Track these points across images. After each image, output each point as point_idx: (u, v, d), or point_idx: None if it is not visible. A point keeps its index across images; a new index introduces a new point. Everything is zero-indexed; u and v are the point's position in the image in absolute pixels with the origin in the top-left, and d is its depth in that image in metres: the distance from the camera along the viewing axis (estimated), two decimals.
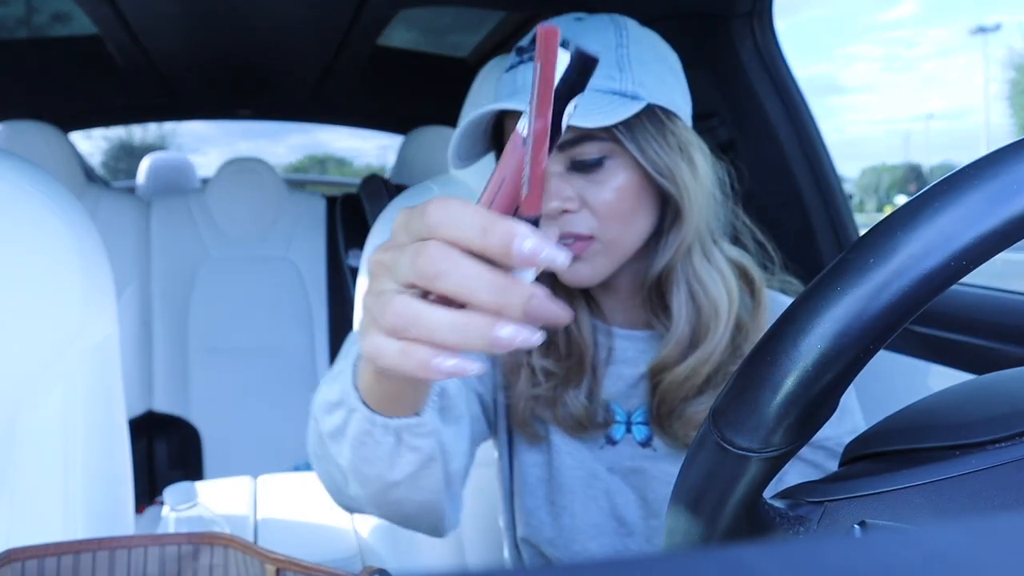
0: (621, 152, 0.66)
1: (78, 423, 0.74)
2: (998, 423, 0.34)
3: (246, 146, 13.41)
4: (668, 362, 0.70)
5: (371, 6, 1.66)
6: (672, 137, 0.67)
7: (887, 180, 36.80)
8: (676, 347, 0.69)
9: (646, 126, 0.66)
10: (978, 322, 0.96)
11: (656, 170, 0.66)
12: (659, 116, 0.66)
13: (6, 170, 0.73)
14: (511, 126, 0.68)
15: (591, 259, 0.68)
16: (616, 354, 0.76)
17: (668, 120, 0.67)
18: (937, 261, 0.28)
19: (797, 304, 0.31)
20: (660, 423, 0.73)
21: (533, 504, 0.78)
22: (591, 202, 0.66)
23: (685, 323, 0.69)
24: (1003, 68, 30.23)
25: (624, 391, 0.76)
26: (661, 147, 0.66)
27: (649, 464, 0.75)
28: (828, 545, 0.17)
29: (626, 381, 0.76)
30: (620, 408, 0.76)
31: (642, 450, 0.75)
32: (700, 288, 0.70)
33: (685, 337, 0.69)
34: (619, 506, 0.76)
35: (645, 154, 0.65)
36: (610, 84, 0.65)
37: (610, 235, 0.67)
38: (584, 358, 0.74)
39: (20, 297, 0.72)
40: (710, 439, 0.34)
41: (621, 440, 0.76)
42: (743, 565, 0.16)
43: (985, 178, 0.29)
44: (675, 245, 0.69)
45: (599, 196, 0.66)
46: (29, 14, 1.97)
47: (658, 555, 0.17)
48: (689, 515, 0.36)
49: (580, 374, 0.74)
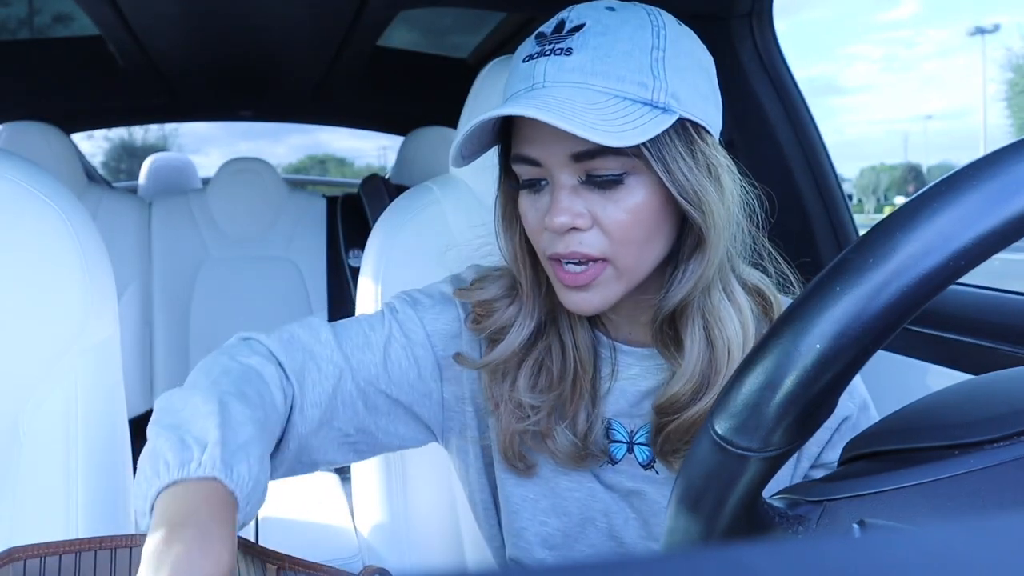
0: (644, 169, 0.59)
1: (79, 422, 0.74)
2: (997, 423, 0.34)
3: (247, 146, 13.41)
4: (676, 402, 0.64)
5: (371, 7, 1.66)
6: (701, 156, 0.60)
7: (886, 180, 36.75)
8: (686, 386, 0.64)
9: (674, 142, 0.59)
10: (977, 322, 0.97)
11: (682, 193, 0.59)
12: (689, 131, 0.60)
13: (8, 170, 0.73)
14: (521, 121, 0.61)
15: (602, 287, 0.62)
16: (620, 370, 0.70)
17: (698, 136, 0.60)
18: (936, 261, 0.28)
19: (796, 304, 0.32)
20: (663, 456, 0.68)
21: (520, 524, 0.73)
22: (603, 221, 0.60)
23: (697, 361, 0.63)
24: (1001, 69, 30.25)
25: (626, 409, 0.70)
26: (689, 167, 0.59)
27: (650, 487, 0.70)
28: (827, 545, 0.18)
29: (628, 399, 0.70)
30: (622, 427, 0.71)
31: (644, 472, 0.70)
32: (716, 325, 0.64)
33: (696, 375, 0.64)
34: (617, 527, 0.71)
35: (671, 174, 0.58)
36: (641, 93, 0.58)
37: (624, 259, 0.61)
38: (582, 378, 0.68)
39: (22, 297, 0.73)
40: (710, 438, 0.34)
41: (622, 460, 0.70)
42: (743, 564, 0.16)
43: (984, 179, 0.29)
44: (695, 277, 0.62)
45: (614, 216, 0.59)
46: (31, 15, 1.98)
47: (658, 555, 0.17)
48: (689, 514, 0.36)
49: (577, 397, 0.68)
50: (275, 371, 0.64)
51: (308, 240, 2.32)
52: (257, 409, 0.59)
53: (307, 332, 0.69)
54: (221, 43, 2.05)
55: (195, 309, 2.22)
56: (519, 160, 0.63)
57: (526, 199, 0.64)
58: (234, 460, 0.52)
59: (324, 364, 0.67)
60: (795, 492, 0.39)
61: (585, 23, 0.59)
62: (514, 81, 0.62)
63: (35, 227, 0.73)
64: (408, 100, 2.60)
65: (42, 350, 0.73)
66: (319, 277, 2.31)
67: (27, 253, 0.73)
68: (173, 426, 0.54)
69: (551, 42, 0.60)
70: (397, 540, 0.94)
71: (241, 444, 0.54)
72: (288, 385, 0.65)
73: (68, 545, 0.59)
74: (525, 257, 0.68)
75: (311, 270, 2.31)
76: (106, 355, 0.77)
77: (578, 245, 0.60)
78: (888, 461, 0.37)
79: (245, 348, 0.66)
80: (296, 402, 0.65)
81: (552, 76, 0.59)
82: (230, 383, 0.60)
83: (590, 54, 0.58)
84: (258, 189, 2.28)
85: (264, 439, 0.57)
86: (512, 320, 0.69)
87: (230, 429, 0.54)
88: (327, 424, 0.67)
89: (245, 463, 0.53)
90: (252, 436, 0.55)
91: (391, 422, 0.71)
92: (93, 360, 0.76)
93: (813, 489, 0.38)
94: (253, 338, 0.68)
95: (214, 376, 0.60)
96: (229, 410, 0.56)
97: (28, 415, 0.73)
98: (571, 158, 0.59)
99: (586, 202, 0.60)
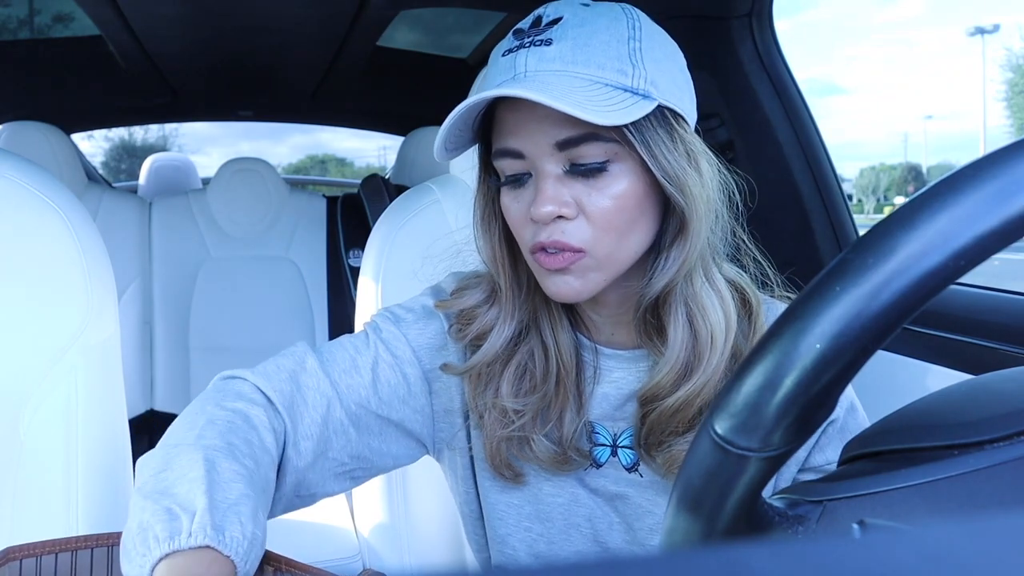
0: (627, 156, 0.60)
1: (80, 422, 0.74)
2: (996, 423, 0.34)
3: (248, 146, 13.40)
4: (660, 391, 0.65)
5: (371, 7, 1.66)
6: (680, 142, 0.61)
7: (886, 181, 36.76)
8: (669, 374, 0.64)
9: (655, 128, 0.60)
10: (977, 322, 0.96)
11: (665, 176, 0.60)
12: (668, 119, 0.61)
13: (8, 170, 0.73)
14: (504, 114, 0.62)
15: (582, 273, 0.62)
16: (602, 374, 0.70)
17: (677, 124, 0.61)
18: (936, 261, 0.28)
19: (796, 304, 0.32)
20: (647, 451, 0.68)
21: (505, 531, 0.73)
22: (588, 209, 0.61)
23: (681, 349, 0.64)
24: (1001, 69, 30.25)
25: (609, 412, 0.70)
26: (670, 151, 0.60)
27: (634, 491, 0.70)
28: (827, 545, 0.18)
29: (611, 402, 0.70)
30: (605, 430, 0.70)
31: (627, 475, 0.70)
32: (699, 312, 0.64)
33: (680, 364, 0.64)
34: (601, 532, 0.71)
35: (655, 158, 0.59)
36: (621, 80, 0.59)
37: (604, 249, 0.61)
38: (565, 380, 0.68)
39: (22, 297, 0.73)
40: (709, 439, 0.34)
41: (606, 463, 0.70)
42: (742, 564, 0.16)
43: (984, 179, 0.29)
44: (678, 263, 0.62)
45: (598, 203, 0.60)
46: (31, 15, 1.98)
47: (658, 555, 0.17)
48: (688, 514, 0.36)
49: (561, 399, 0.68)
50: (262, 411, 0.63)
51: (308, 240, 2.33)
52: (246, 459, 0.58)
53: (292, 362, 0.69)
54: (221, 43, 2.05)
55: (195, 309, 2.22)
56: (501, 155, 0.63)
57: (508, 195, 0.64)
58: (225, 523, 0.51)
59: (312, 394, 0.67)
60: (795, 492, 0.39)
61: (562, 16, 0.61)
62: (494, 74, 0.63)
63: (35, 227, 0.73)
64: (408, 100, 2.61)
65: (42, 350, 0.73)
66: (319, 277, 2.31)
67: (27, 253, 0.73)
68: (158, 493, 0.53)
69: (530, 36, 0.61)
70: (397, 541, 0.94)
71: (231, 504, 0.53)
72: (279, 420, 0.65)
73: (65, 543, 0.59)
74: (504, 257, 0.68)
75: (311, 270, 2.31)
76: (106, 355, 0.77)
77: (561, 235, 0.60)
78: (888, 461, 0.37)
79: (230, 391, 0.64)
80: (289, 437, 0.65)
81: (533, 65, 0.60)
82: (216, 435, 0.58)
83: (570, 44, 0.59)
84: (258, 189, 2.29)
85: (255, 491, 0.56)
86: (493, 323, 0.69)
87: (218, 489, 0.53)
88: (322, 456, 0.67)
89: (237, 523, 0.52)
90: (242, 493, 0.54)
91: (384, 442, 0.71)
92: (93, 360, 0.76)
93: (813, 489, 0.38)
94: (237, 376, 0.67)
95: (199, 429, 0.59)
96: (216, 468, 0.55)
97: (28, 415, 0.73)
98: (555, 147, 0.60)
99: (571, 191, 0.61)
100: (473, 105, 0.60)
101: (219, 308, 2.22)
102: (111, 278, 0.78)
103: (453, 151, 0.66)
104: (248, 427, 0.61)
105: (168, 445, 0.58)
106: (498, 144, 0.63)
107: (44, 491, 0.72)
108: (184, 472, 0.54)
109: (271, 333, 2.24)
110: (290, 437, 0.65)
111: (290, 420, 0.65)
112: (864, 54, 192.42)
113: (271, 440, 0.62)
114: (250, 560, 0.52)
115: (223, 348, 2.21)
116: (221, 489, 0.53)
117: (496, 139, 0.63)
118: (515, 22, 0.68)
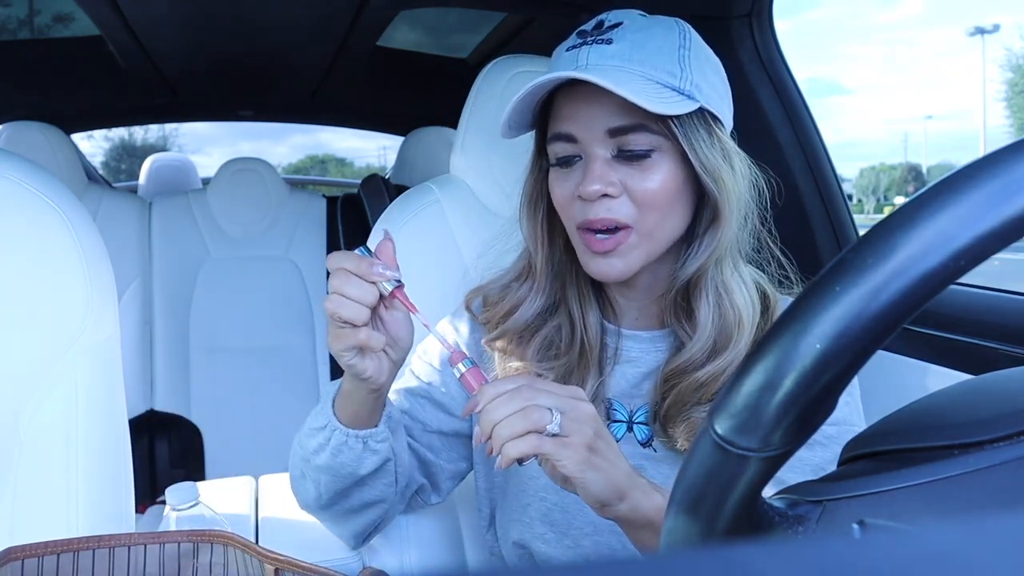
0: (670, 148, 0.68)
1: (80, 422, 0.74)
2: (996, 423, 0.34)
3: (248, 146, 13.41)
4: (689, 367, 0.70)
5: (371, 7, 1.66)
6: (717, 142, 0.69)
7: (886, 181, 36.74)
8: (701, 351, 0.70)
9: (696, 125, 0.68)
10: (977, 322, 0.96)
11: (703, 168, 0.68)
12: (708, 120, 0.69)
13: (8, 170, 0.73)
14: (562, 101, 0.70)
15: (626, 253, 0.69)
16: (622, 354, 0.76)
17: (715, 125, 0.69)
18: (936, 261, 0.28)
19: (796, 304, 0.32)
20: (664, 424, 0.72)
21: (525, 500, 0.77)
22: (632, 190, 0.68)
23: (711, 328, 0.70)
24: (1001, 69, 30.25)
25: (627, 390, 0.76)
26: (709, 146, 0.68)
27: (648, 464, 0.74)
28: (827, 545, 0.18)
29: (629, 381, 0.76)
30: (623, 407, 0.76)
31: (642, 450, 0.75)
32: (727, 296, 0.71)
33: (709, 343, 0.70)
34: None
35: (695, 152, 0.67)
36: (671, 80, 0.67)
37: (647, 225, 0.68)
38: (588, 355, 0.74)
39: (22, 297, 0.73)
40: (709, 438, 0.34)
41: (622, 439, 0.75)
42: (742, 564, 0.16)
43: (984, 179, 0.29)
44: (709, 249, 0.70)
45: (641, 184, 0.68)
46: (31, 15, 1.98)
47: (658, 555, 0.17)
48: (688, 514, 0.36)
49: (583, 369, 0.74)
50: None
51: (308, 240, 2.32)
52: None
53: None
54: (221, 43, 2.05)
55: (195, 309, 2.22)
56: (556, 138, 0.70)
57: (557, 175, 0.72)
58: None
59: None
60: (795, 492, 0.39)
61: (623, 22, 0.69)
62: (558, 67, 0.70)
63: (35, 227, 0.73)
64: (408, 100, 2.60)
65: (42, 350, 0.73)
66: (319, 277, 2.31)
67: (27, 253, 0.73)
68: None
69: (592, 35, 0.69)
70: (397, 540, 0.94)
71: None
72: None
73: (66, 544, 0.59)
74: (544, 236, 0.76)
75: (311, 270, 2.31)
76: (106, 355, 0.77)
77: (607, 212, 0.68)
78: (888, 461, 0.37)
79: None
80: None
81: (595, 60, 0.67)
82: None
83: (628, 44, 0.67)
84: (258, 189, 2.28)
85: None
86: (524, 297, 0.77)
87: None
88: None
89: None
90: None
91: (450, 457, 0.82)
92: (93, 359, 0.76)
93: (813, 489, 0.38)
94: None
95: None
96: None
97: (28, 415, 0.73)
98: (607, 133, 0.68)
99: (617, 173, 0.68)
100: (537, 87, 0.67)
101: (219, 308, 2.22)
102: (111, 278, 0.78)
103: (515, 130, 0.73)
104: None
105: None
106: (554, 129, 0.71)
107: (44, 491, 0.72)
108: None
109: (271, 333, 2.24)
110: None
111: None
112: (864, 54, 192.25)
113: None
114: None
115: (223, 348, 2.21)
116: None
117: (553, 124, 0.71)
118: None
